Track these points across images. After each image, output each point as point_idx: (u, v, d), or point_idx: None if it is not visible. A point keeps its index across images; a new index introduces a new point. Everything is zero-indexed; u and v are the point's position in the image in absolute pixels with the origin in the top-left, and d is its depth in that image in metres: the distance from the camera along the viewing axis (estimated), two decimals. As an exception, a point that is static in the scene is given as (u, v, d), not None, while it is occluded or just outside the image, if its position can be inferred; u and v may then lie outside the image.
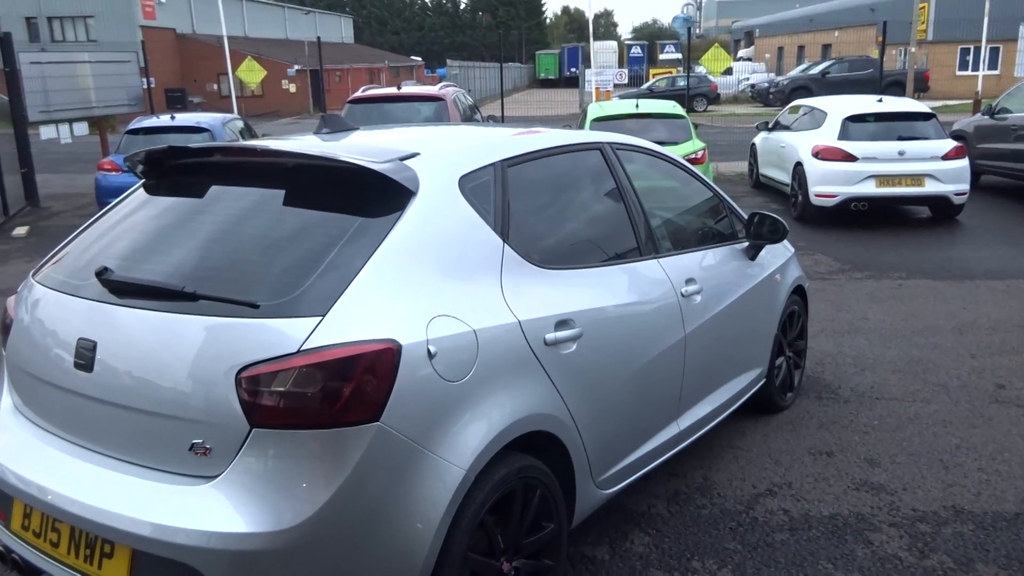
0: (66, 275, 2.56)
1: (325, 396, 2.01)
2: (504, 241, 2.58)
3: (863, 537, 3.25)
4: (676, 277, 3.31)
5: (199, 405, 2.09)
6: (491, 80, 42.11)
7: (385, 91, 11.10)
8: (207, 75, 38.35)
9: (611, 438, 2.92)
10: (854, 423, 4.38)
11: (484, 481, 2.29)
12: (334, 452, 2.03)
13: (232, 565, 1.99)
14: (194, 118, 11.20)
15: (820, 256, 8.37)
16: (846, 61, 30.33)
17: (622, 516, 3.42)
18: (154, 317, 2.22)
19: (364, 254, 2.22)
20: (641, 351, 3.03)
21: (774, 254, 4.29)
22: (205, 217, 2.55)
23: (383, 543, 2.10)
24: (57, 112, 12.58)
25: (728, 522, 3.38)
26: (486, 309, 2.40)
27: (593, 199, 3.20)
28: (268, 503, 2.00)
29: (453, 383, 2.22)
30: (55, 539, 2.29)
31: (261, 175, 2.63)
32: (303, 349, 2.03)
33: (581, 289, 2.79)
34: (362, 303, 2.14)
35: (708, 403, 3.65)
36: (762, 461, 3.95)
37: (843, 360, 5.37)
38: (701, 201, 3.99)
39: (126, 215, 2.73)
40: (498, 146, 2.83)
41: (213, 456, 2.07)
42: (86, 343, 2.28)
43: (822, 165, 9.65)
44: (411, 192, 2.39)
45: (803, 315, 4.76)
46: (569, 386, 2.62)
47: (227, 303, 2.14)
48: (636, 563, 3.10)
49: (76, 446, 2.35)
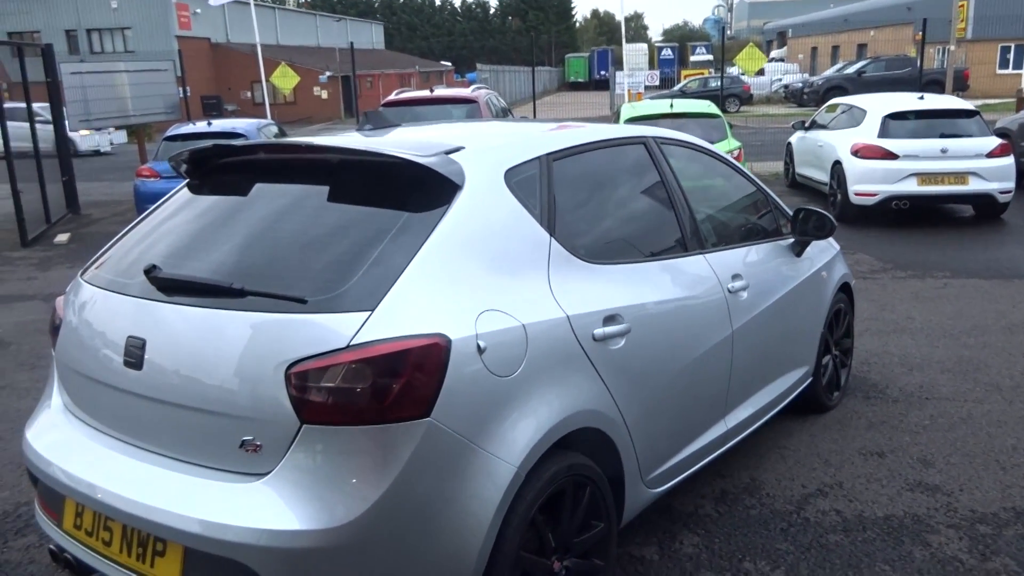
0: (114, 274, 2.57)
1: (375, 392, 1.99)
2: (551, 235, 2.54)
3: (921, 539, 3.16)
4: (722, 273, 3.24)
5: (248, 402, 2.08)
6: (521, 84, 42.15)
7: (418, 94, 11.14)
8: (241, 83, 38.85)
9: (660, 436, 2.86)
10: (904, 423, 4.27)
11: (535, 478, 2.25)
12: (385, 448, 2.01)
13: (285, 563, 1.97)
14: (230, 124, 11.32)
15: (861, 255, 8.21)
16: (883, 60, 29.87)
17: (669, 516, 3.36)
18: (202, 314, 2.22)
19: (411, 248, 2.20)
20: (689, 347, 2.97)
21: (820, 251, 4.20)
22: (251, 214, 2.54)
23: (435, 540, 2.07)
24: (97, 121, 12.80)
25: (779, 523, 3.31)
26: (534, 304, 2.36)
27: (638, 193, 3.15)
28: (320, 500, 1.98)
29: (503, 378, 2.19)
30: (107, 538, 2.29)
31: (306, 172, 2.62)
32: (352, 344, 2.01)
33: (628, 284, 2.74)
34: (411, 298, 2.11)
35: (755, 401, 3.57)
36: (810, 461, 3.86)
37: (889, 360, 5.25)
38: (745, 196, 3.92)
39: (171, 214, 2.74)
40: (542, 140, 2.79)
41: (263, 453, 2.06)
42: (135, 341, 2.28)
43: (862, 163, 9.48)
44: (457, 186, 2.36)
45: (849, 313, 4.66)
46: (618, 382, 2.58)
47: (275, 299, 2.13)
48: (686, 564, 3.03)
49: (127, 444, 2.35)
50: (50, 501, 2.51)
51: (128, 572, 2.24)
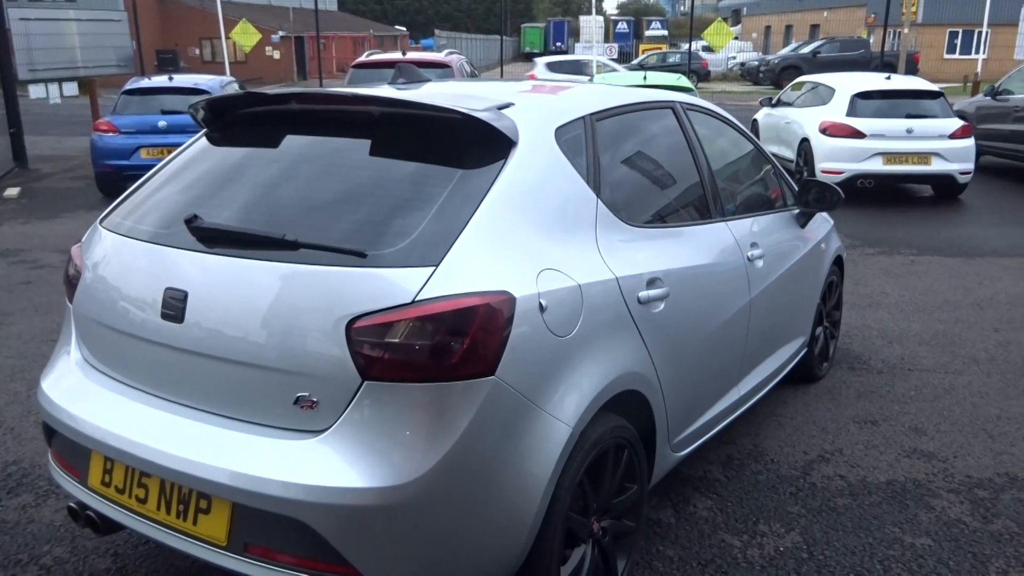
0: (143, 223, 2.46)
1: (441, 349, 1.95)
2: (597, 196, 2.51)
3: (924, 503, 3.26)
4: (742, 241, 3.27)
5: (304, 357, 2.02)
6: (477, 51, 41.69)
7: (390, 57, 10.92)
8: (189, 39, 37.55)
9: (687, 400, 2.89)
10: (892, 393, 4.39)
11: (584, 440, 2.25)
12: (449, 406, 1.97)
13: (346, 520, 1.93)
14: (192, 79, 10.93)
15: (831, 231, 8.38)
16: (837, 41, 30.36)
17: (680, 481, 3.41)
18: (251, 265, 2.14)
19: (470, 205, 2.15)
20: (715, 313, 3.00)
21: (820, 223, 4.27)
22: (287, 166, 2.45)
23: (495, 500, 2.05)
24: (46, 71, 12.24)
25: (787, 487, 3.38)
26: (587, 264, 2.34)
27: (670, 158, 3.14)
28: (384, 458, 1.94)
29: (561, 338, 2.17)
30: (142, 495, 2.21)
31: (345, 124, 2.53)
32: (418, 300, 1.96)
33: (666, 248, 2.74)
34: (473, 254, 2.07)
35: (763, 369, 3.63)
36: (808, 429, 3.95)
37: (869, 333, 5.39)
38: (757, 166, 3.95)
39: (193, 163, 2.62)
40: (586, 99, 2.76)
41: (320, 409, 2.00)
42: (176, 293, 2.19)
43: (829, 141, 9.66)
44: (512, 142, 2.31)
45: (840, 285, 4.76)
46: (657, 345, 2.58)
47: (332, 252, 2.06)
48: (704, 526, 3.08)
49: (163, 399, 2.26)
50: (70, 456, 2.42)
51: (167, 530, 2.17)
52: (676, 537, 3.01)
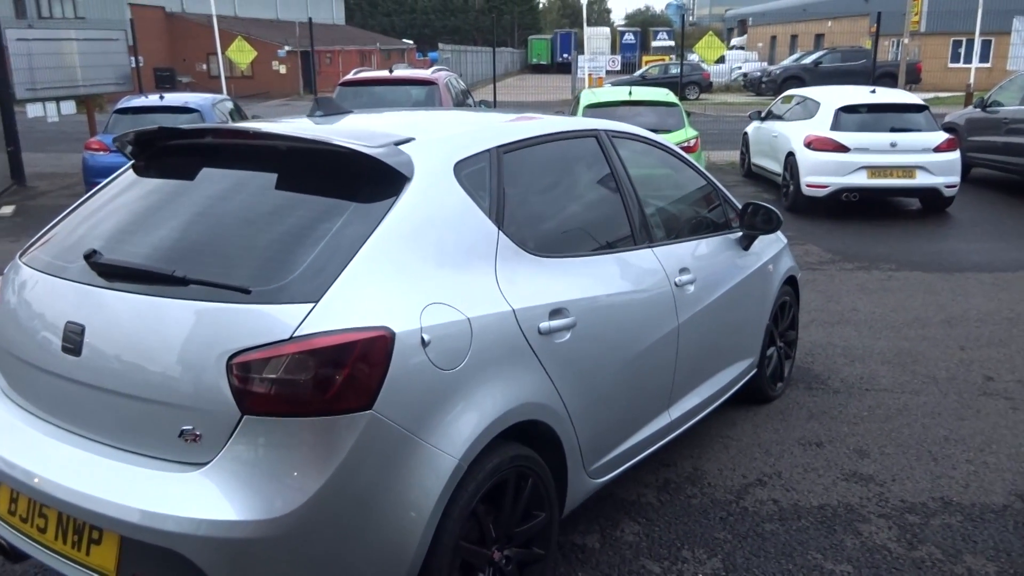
0: (53, 257, 2.52)
1: (318, 383, 1.99)
2: (499, 228, 2.55)
3: (852, 528, 3.27)
4: (670, 266, 3.29)
5: (189, 391, 2.06)
6: (483, 64, 41.87)
7: (377, 74, 11.01)
8: (196, 55, 37.94)
9: (603, 427, 2.91)
10: (844, 414, 4.39)
11: (477, 470, 2.28)
12: (326, 440, 2.01)
13: (222, 553, 1.97)
14: (183, 98, 11.08)
15: (811, 246, 8.38)
16: (839, 51, 30.33)
17: (613, 505, 3.42)
18: (144, 301, 2.19)
19: (358, 240, 2.19)
20: (634, 341, 3.02)
21: (767, 244, 4.28)
22: (196, 200, 2.51)
23: (375, 531, 2.08)
24: (44, 90, 12.42)
25: (718, 512, 3.39)
26: (480, 297, 2.38)
27: (588, 187, 3.18)
28: (258, 491, 1.98)
29: (447, 371, 2.20)
30: (42, 525, 2.26)
31: (253, 158, 2.59)
32: (296, 336, 2.00)
33: (575, 278, 2.77)
34: (355, 290, 2.11)
35: (700, 393, 3.64)
36: (752, 451, 3.95)
37: (833, 351, 5.38)
38: (695, 189, 3.97)
39: (115, 196, 2.69)
40: (494, 132, 2.80)
41: (203, 443, 2.05)
42: (74, 327, 2.25)
43: (814, 155, 9.66)
44: (405, 177, 2.36)
45: (795, 305, 4.77)
46: (563, 375, 2.61)
47: (218, 288, 2.11)
48: (627, 552, 3.10)
49: (63, 431, 2.32)
50: (-16, 487, 2.47)
51: (63, 559, 2.22)
52: (597, 563, 3.03)
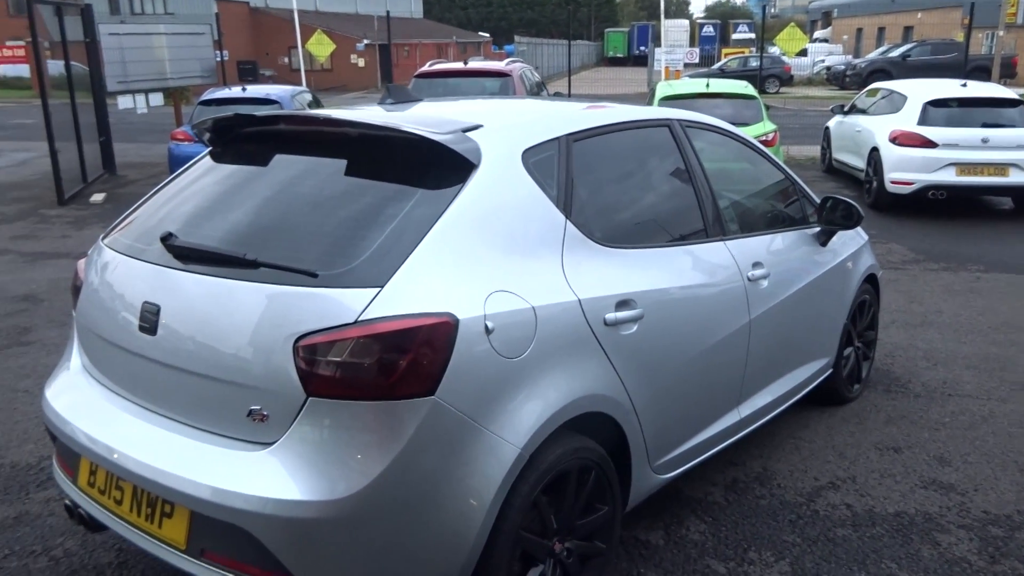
0: (133, 239, 2.60)
1: (381, 368, 2.00)
2: (566, 217, 2.52)
3: (930, 538, 3.13)
4: (743, 260, 3.21)
5: (257, 372, 2.10)
6: (559, 57, 41.71)
7: (452, 66, 11.08)
8: (278, 49, 38.93)
9: (669, 423, 2.85)
10: (924, 419, 4.21)
11: (539, 460, 2.26)
12: (389, 425, 2.02)
13: (285, 532, 2.00)
14: (264, 90, 11.36)
15: (894, 245, 8.07)
16: (928, 44, 29.11)
17: (678, 502, 3.36)
18: (216, 283, 2.24)
19: (423, 227, 2.19)
20: (704, 335, 2.95)
21: (846, 240, 4.13)
22: (268, 185, 2.56)
23: (435, 518, 2.08)
24: (134, 83, 12.91)
25: (787, 514, 3.29)
26: (546, 286, 2.35)
27: (660, 177, 3.12)
28: (322, 472, 2.01)
29: (510, 360, 2.19)
30: (119, 497, 2.34)
31: (324, 145, 2.63)
32: (360, 320, 2.02)
33: (644, 269, 2.72)
34: (420, 276, 2.12)
35: (771, 391, 3.54)
36: (825, 454, 3.83)
37: (915, 354, 5.17)
38: (772, 183, 3.86)
39: (192, 182, 2.76)
40: (563, 120, 2.77)
41: (270, 423, 2.08)
42: (150, 307, 2.31)
43: (899, 151, 9.29)
44: (472, 164, 2.35)
45: (875, 305, 4.59)
46: (628, 368, 2.56)
47: (287, 271, 2.14)
48: (691, 550, 3.03)
49: (140, 407, 2.39)
50: (67, 458, 2.58)
51: (137, 531, 2.29)
52: (660, 560, 2.98)
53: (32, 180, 12.50)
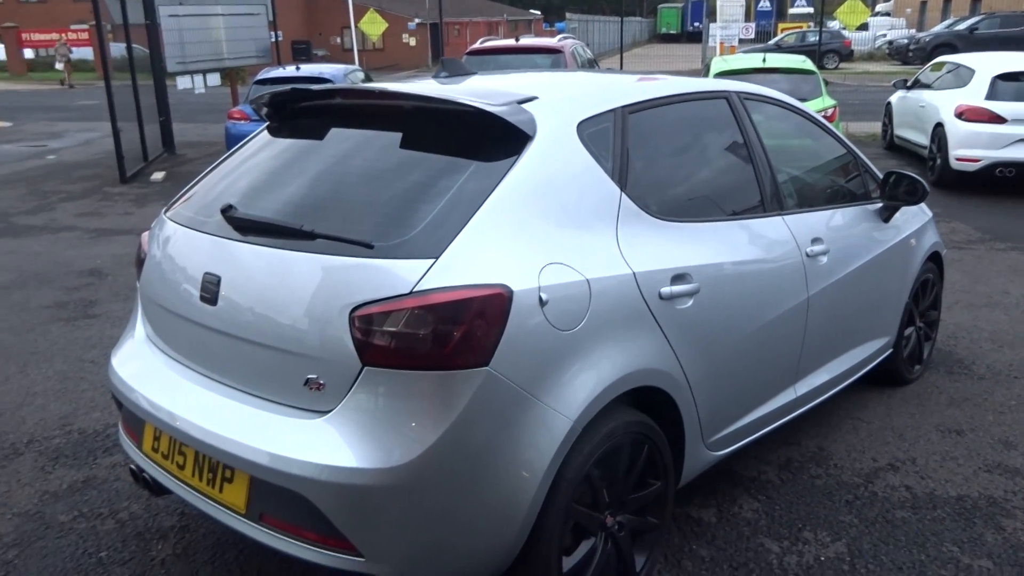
0: (194, 212, 2.65)
1: (435, 338, 2.01)
2: (621, 190, 2.49)
3: (994, 522, 3.04)
4: (801, 236, 3.14)
5: (314, 341, 2.13)
6: (610, 34, 41.23)
7: (503, 43, 11.02)
8: (331, 29, 39.24)
9: (724, 399, 2.82)
10: (989, 401, 4.08)
11: (591, 433, 2.25)
12: (443, 394, 2.03)
13: (342, 498, 2.04)
14: (317, 69, 11.49)
15: (958, 224, 7.82)
16: (997, 16, 27.91)
17: (731, 480, 3.33)
18: (274, 254, 2.27)
19: (478, 198, 2.19)
20: (760, 311, 2.90)
21: (909, 217, 4.01)
22: (324, 158, 2.58)
23: (488, 488, 2.10)
24: (192, 63, 13.15)
25: (844, 495, 3.23)
26: (600, 259, 2.33)
27: (717, 150, 3.06)
28: (378, 440, 2.03)
29: (564, 332, 2.18)
30: (181, 462, 2.41)
31: (379, 118, 2.64)
32: (415, 291, 2.03)
33: (700, 243, 2.68)
34: (475, 247, 2.12)
35: (828, 370, 3.47)
36: (884, 435, 3.74)
37: (979, 335, 5.01)
38: (832, 157, 3.76)
39: (251, 156, 2.80)
40: (619, 92, 2.73)
41: (326, 392, 2.11)
42: (211, 277, 2.36)
43: (965, 126, 8.98)
44: (528, 136, 2.33)
45: (938, 284, 4.46)
46: (683, 343, 2.54)
47: (343, 242, 2.16)
48: (744, 528, 3.00)
49: (202, 376, 2.45)
50: (132, 424, 2.66)
51: (199, 495, 2.36)
52: (713, 537, 2.95)
53: (96, 159, 12.87)
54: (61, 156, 13.38)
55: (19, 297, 5.94)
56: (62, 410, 4.03)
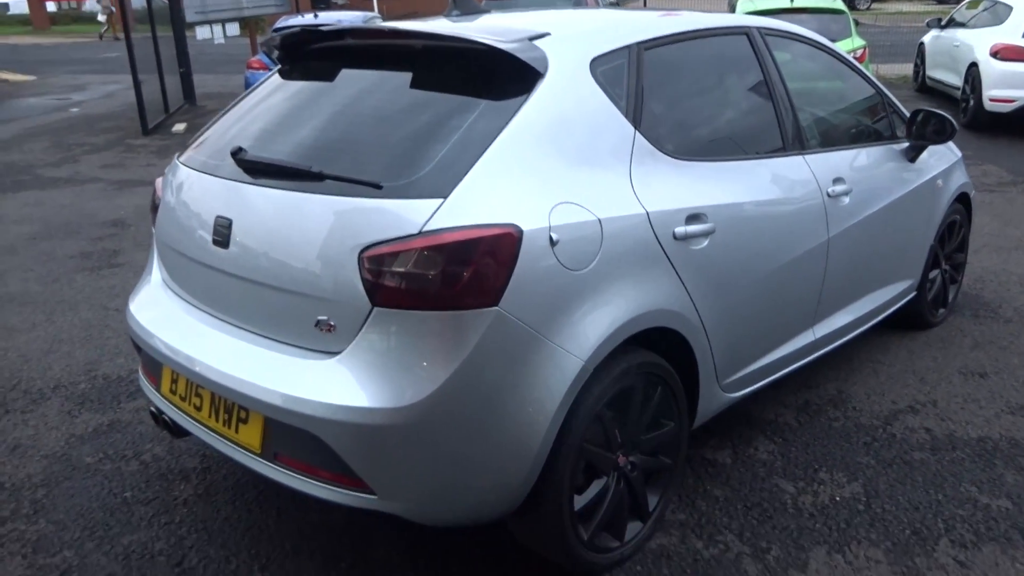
0: (206, 156, 2.65)
1: (445, 278, 2.00)
2: (636, 128, 2.44)
3: (1015, 463, 3.01)
4: (823, 176, 3.07)
5: (324, 283, 2.13)
6: (635, -22, 40.19)
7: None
8: (351, -24, 38.66)
9: (740, 341, 2.79)
10: (1014, 345, 4.02)
11: (603, 374, 2.24)
12: (453, 334, 2.03)
13: (355, 438, 2.05)
14: (335, 16, 11.36)
15: (989, 167, 7.63)
16: (1040, -50, 26.80)
17: (748, 423, 3.32)
18: (284, 196, 2.26)
19: (488, 137, 2.16)
20: (778, 252, 2.85)
21: (938, 157, 3.91)
22: (335, 99, 2.55)
23: (500, 427, 2.10)
24: (212, 13, 13.04)
25: (862, 436, 3.21)
26: (613, 198, 2.30)
27: (736, 88, 2.98)
28: (389, 380, 2.04)
29: (575, 272, 2.16)
30: (198, 403, 2.44)
31: (390, 58, 2.60)
32: (424, 231, 2.01)
33: (717, 183, 2.63)
34: (484, 187, 2.09)
35: (849, 312, 3.43)
36: (905, 378, 3.71)
37: (1008, 279, 4.92)
38: (858, 95, 3.65)
39: (262, 99, 2.78)
40: (634, 28, 2.65)
41: (337, 333, 2.12)
42: (223, 221, 2.36)
43: (1001, 66, 8.71)
44: (539, 73, 2.28)
45: (965, 226, 4.36)
46: (697, 283, 2.51)
47: (352, 183, 2.14)
48: (759, 469, 3.00)
49: (216, 319, 2.47)
50: (150, 367, 2.69)
51: (216, 436, 2.39)
52: (728, 478, 2.96)
53: (118, 111, 12.89)
54: (84, 109, 13.42)
55: (45, 247, 6.02)
56: (87, 357, 4.11)
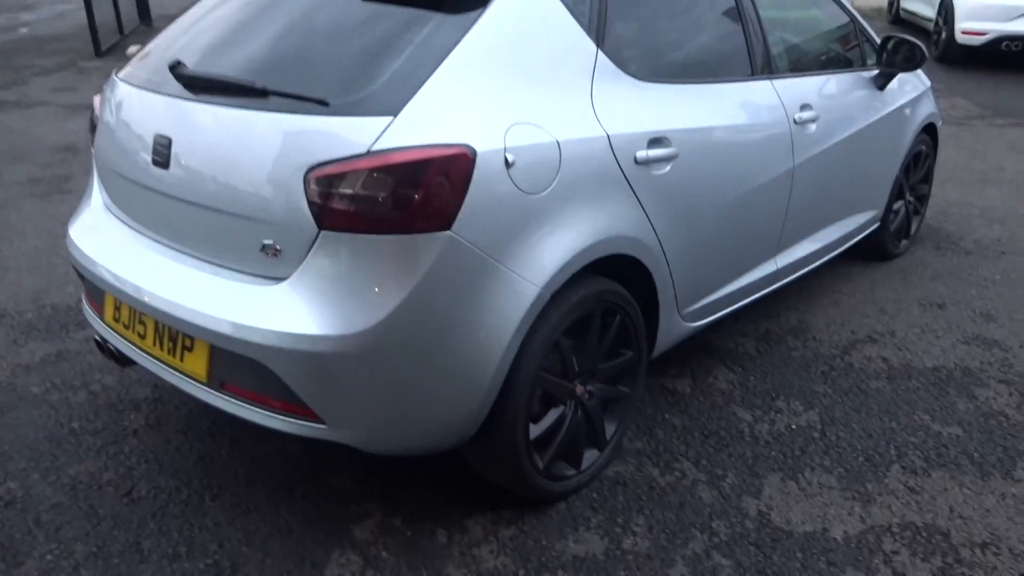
0: (147, 72, 2.50)
1: (394, 200, 1.91)
2: (598, 47, 2.34)
3: (968, 391, 3.05)
4: (790, 102, 3.00)
5: (269, 205, 2.03)
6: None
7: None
8: None
9: (701, 269, 2.75)
10: (973, 276, 4.05)
11: (560, 301, 2.19)
12: (404, 259, 1.95)
13: (302, 366, 1.99)
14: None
15: (958, 100, 7.61)
16: None
17: (708, 352, 3.32)
18: (227, 113, 2.14)
19: (441, 52, 2.05)
20: (742, 179, 2.80)
21: (906, 86, 3.86)
22: (285, 13, 2.40)
23: (452, 354, 2.05)
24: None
25: (820, 366, 3.23)
26: (572, 119, 2.21)
27: (704, 8, 2.86)
28: (337, 306, 1.97)
29: (531, 195, 2.08)
30: (142, 331, 2.36)
31: None
32: (372, 151, 1.92)
33: (681, 106, 2.54)
34: (436, 104, 1.99)
35: (812, 242, 3.40)
36: (865, 308, 3.72)
37: (970, 211, 4.94)
38: (828, 20, 3.56)
39: (207, 13, 2.62)
40: (598, -60, 2.52)
41: (283, 257, 2.04)
42: (162, 139, 2.24)
43: (974, -2, 8.61)
44: (496, -15, 2.16)
45: (931, 157, 4.34)
46: (658, 210, 2.45)
47: (297, 99, 2.03)
48: (718, 398, 3.01)
49: (158, 243, 2.36)
50: (94, 295, 2.59)
51: (161, 364, 2.32)
52: (686, 407, 2.96)
53: (69, 33, 12.33)
54: (34, 29, 12.82)
55: (-9, 173, 5.79)
56: (35, 285, 3.98)
